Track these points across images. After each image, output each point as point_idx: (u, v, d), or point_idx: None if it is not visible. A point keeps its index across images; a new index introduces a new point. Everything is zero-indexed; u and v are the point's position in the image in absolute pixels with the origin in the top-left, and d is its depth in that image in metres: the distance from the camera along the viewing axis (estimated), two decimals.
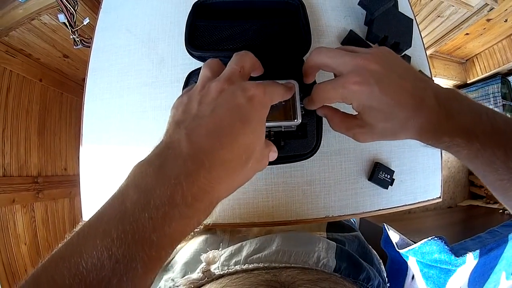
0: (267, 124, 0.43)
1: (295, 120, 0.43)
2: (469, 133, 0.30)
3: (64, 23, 0.86)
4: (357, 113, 0.36)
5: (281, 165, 0.49)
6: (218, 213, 0.51)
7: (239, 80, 0.30)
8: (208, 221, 0.47)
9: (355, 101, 0.34)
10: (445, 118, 0.31)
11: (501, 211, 1.70)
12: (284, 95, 0.35)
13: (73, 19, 0.85)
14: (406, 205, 0.55)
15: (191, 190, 0.23)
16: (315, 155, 0.47)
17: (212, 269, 0.45)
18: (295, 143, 0.47)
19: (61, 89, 1.41)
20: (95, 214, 0.23)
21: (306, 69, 0.40)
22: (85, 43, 0.89)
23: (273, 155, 0.36)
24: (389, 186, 0.53)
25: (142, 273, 0.21)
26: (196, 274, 0.45)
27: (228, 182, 0.27)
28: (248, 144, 0.27)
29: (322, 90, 0.36)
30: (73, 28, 0.87)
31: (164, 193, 0.23)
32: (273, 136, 0.45)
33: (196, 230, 0.26)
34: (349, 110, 0.37)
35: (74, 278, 0.20)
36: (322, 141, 0.47)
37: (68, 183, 1.43)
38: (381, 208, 0.54)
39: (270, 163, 0.46)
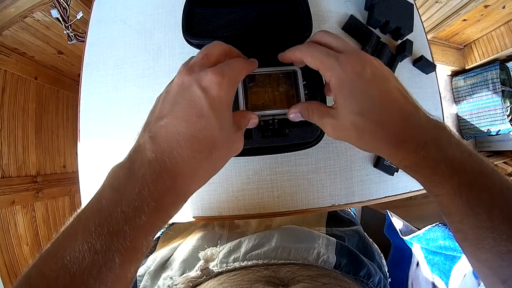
0: (270, 112, 0.42)
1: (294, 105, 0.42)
2: (457, 165, 0.27)
3: (57, 18, 0.84)
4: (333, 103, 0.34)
5: (285, 153, 0.48)
6: (222, 205, 0.50)
7: (200, 69, 0.29)
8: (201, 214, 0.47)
9: (337, 77, 0.30)
10: (433, 144, 0.28)
11: None
12: (248, 68, 0.34)
13: (66, 14, 0.83)
14: (412, 191, 0.55)
15: (156, 187, 0.25)
16: (320, 142, 0.46)
17: (210, 267, 0.44)
18: (300, 130, 0.46)
19: (57, 86, 1.40)
20: (77, 214, 0.26)
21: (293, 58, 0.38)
22: (79, 38, 0.87)
23: (253, 122, 0.37)
24: (395, 173, 0.53)
25: (119, 263, 0.23)
26: (194, 272, 0.44)
27: (194, 176, 0.28)
28: (208, 137, 0.28)
29: (314, 49, 0.33)
30: (67, 23, 0.85)
31: (133, 191, 0.25)
32: (277, 124, 0.44)
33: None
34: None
35: (59, 271, 0.22)
36: None
37: (67, 181, 1.42)
38: (387, 195, 0.53)
39: (275, 152, 0.45)
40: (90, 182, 0.53)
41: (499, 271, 0.26)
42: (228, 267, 0.44)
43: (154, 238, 0.57)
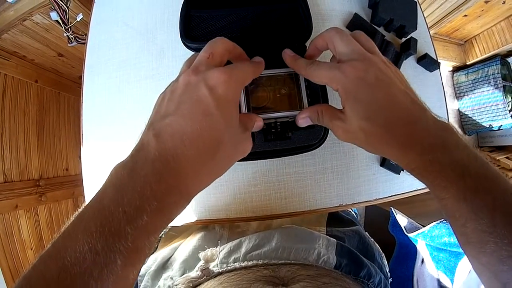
0: (273, 115, 0.42)
1: (302, 109, 0.42)
2: (463, 169, 0.27)
3: (57, 21, 0.83)
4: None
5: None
6: (230, 208, 0.50)
7: (206, 68, 0.29)
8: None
9: (342, 86, 0.31)
10: (440, 147, 0.28)
11: None
12: (255, 72, 0.34)
13: (66, 16, 0.83)
14: (418, 189, 0.55)
15: (159, 186, 0.25)
16: (326, 142, 0.45)
17: (210, 267, 0.44)
18: (303, 133, 0.45)
19: (57, 88, 1.39)
20: (78, 213, 0.25)
21: (313, 47, 0.38)
22: (79, 40, 0.87)
23: (258, 125, 0.37)
24: (401, 171, 0.53)
25: (121, 264, 0.23)
26: (194, 273, 0.44)
27: (198, 176, 0.28)
28: (213, 136, 0.27)
29: (317, 67, 0.34)
30: (66, 26, 0.84)
31: (135, 190, 0.24)
32: (279, 127, 0.44)
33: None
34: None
35: (60, 272, 0.21)
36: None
37: (70, 184, 1.41)
38: (394, 194, 0.53)
39: (278, 156, 0.45)
40: (94, 186, 0.52)
41: (500, 275, 0.26)
42: (228, 267, 0.44)
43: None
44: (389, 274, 0.60)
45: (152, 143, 0.26)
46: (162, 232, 0.64)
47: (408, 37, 0.58)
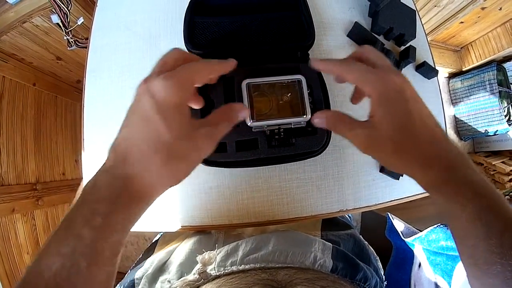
0: (276, 121, 0.43)
1: (305, 116, 0.42)
2: (479, 189, 0.29)
3: (58, 24, 0.83)
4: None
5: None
6: (232, 214, 0.50)
7: (154, 78, 0.29)
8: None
9: (378, 92, 0.32)
10: (458, 168, 0.30)
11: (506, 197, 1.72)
12: (211, 68, 0.34)
13: (67, 19, 0.83)
14: (416, 194, 0.55)
15: (110, 190, 0.28)
16: (327, 149, 0.46)
17: (208, 270, 0.44)
18: (306, 139, 0.46)
19: (55, 92, 1.39)
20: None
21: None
22: (79, 44, 0.87)
23: (242, 115, 0.35)
24: (400, 177, 0.53)
25: (86, 266, 0.25)
26: (192, 276, 0.44)
27: (148, 178, 0.29)
28: (157, 140, 0.29)
29: (353, 64, 0.34)
30: (67, 29, 0.84)
31: (93, 196, 0.28)
32: (282, 133, 0.44)
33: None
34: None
35: (37, 278, 0.24)
36: (334, 135, 0.46)
37: (67, 188, 1.40)
38: (393, 199, 0.54)
39: (282, 162, 0.46)
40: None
41: None
42: (226, 271, 0.44)
43: (154, 241, 0.58)
44: (384, 277, 0.60)
45: (110, 154, 0.30)
46: (158, 236, 0.65)
47: (407, 45, 0.59)
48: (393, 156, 0.33)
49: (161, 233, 0.67)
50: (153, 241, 0.65)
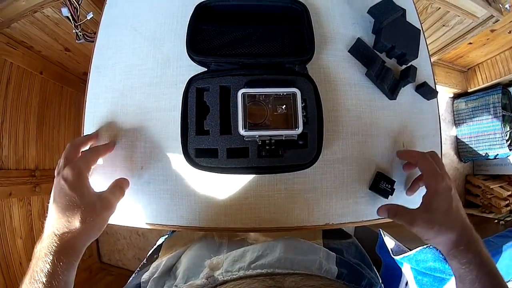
0: (269, 132, 0.44)
1: (296, 129, 0.43)
2: (483, 258, 0.42)
3: (67, 17, 0.85)
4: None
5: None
6: (219, 218, 0.51)
7: (62, 169, 0.43)
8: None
9: (439, 188, 0.45)
10: (473, 242, 0.43)
11: (496, 221, 1.71)
12: (98, 154, 0.49)
13: (77, 13, 0.84)
14: None
15: (47, 245, 0.39)
16: (317, 163, 0.47)
17: (215, 275, 0.45)
18: (295, 152, 0.46)
19: (61, 82, 1.40)
20: None
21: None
22: (87, 38, 0.88)
23: (121, 190, 0.48)
24: (389, 196, 0.53)
25: (47, 281, 0.37)
26: (200, 280, 0.45)
27: (73, 233, 0.40)
28: (74, 207, 0.41)
29: (431, 162, 0.48)
30: (76, 23, 0.85)
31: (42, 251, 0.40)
32: (273, 145, 0.45)
33: None
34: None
35: None
36: (325, 150, 0.47)
37: None
38: (380, 218, 0.54)
39: (269, 172, 0.47)
40: (94, 187, 0.53)
41: None
42: (233, 276, 0.45)
43: (157, 245, 0.61)
44: (382, 285, 0.61)
45: (47, 225, 0.42)
46: (162, 240, 0.69)
47: (408, 65, 0.59)
48: (434, 232, 0.44)
49: (165, 238, 0.70)
50: (156, 245, 0.68)
